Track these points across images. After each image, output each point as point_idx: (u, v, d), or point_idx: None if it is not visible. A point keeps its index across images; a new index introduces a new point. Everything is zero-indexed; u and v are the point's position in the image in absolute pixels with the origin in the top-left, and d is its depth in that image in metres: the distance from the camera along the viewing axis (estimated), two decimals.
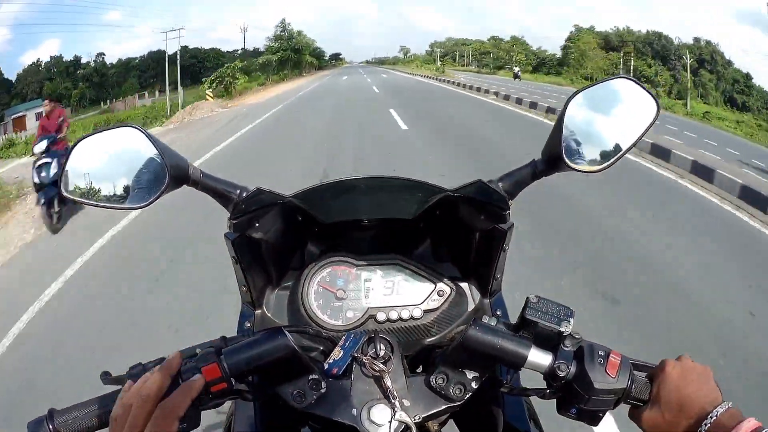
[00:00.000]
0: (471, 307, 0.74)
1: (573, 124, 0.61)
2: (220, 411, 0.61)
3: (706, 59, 37.77)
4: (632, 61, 40.25)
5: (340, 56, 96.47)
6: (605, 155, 0.63)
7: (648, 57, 41.19)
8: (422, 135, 8.39)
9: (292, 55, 40.96)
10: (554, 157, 0.61)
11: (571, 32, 47.19)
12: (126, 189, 0.60)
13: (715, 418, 0.48)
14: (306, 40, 42.60)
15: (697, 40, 39.31)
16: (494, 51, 55.69)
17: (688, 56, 36.59)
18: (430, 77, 31.41)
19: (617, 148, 0.63)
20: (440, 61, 61.45)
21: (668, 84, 38.12)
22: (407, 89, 20.22)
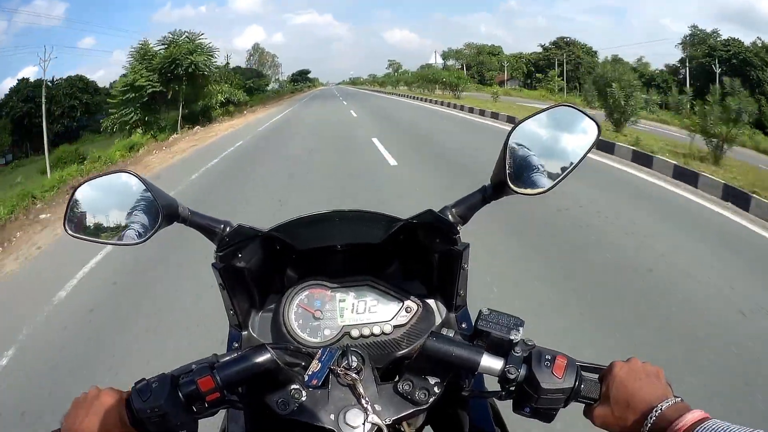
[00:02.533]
0: (438, 321, 0.80)
1: (519, 150, 0.68)
2: (213, 420, 0.69)
3: None
4: None
5: (308, 75, 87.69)
6: (550, 177, 0.69)
7: None
8: None
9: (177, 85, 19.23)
10: (500, 183, 0.67)
11: None
12: (123, 227, 0.68)
13: (660, 411, 0.52)
14: (203, 51, 19.86)
15: None
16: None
17: None
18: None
19: (561, 169, 0.70)
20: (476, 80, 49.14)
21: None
22: None
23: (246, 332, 0.78)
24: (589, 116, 0.70)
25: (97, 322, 3.15)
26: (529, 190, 0.67)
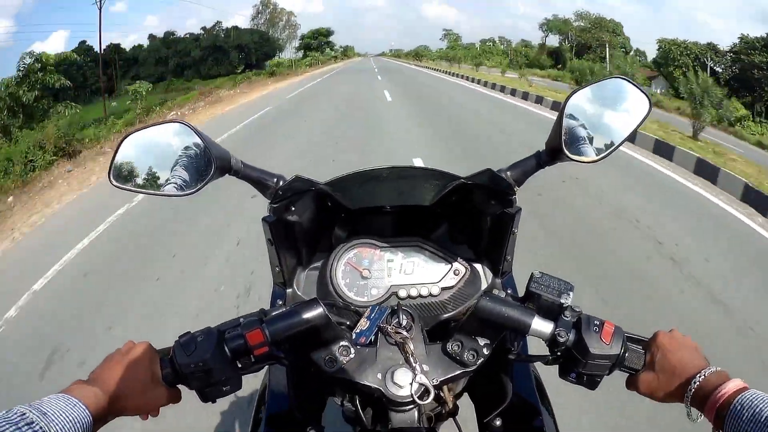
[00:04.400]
0: (484, 285, 0.81)
1: (573, 119, 0.68)
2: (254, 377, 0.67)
3: None
4: None
5: (329, 39, 64.56)
6: (602, 146, 0.69)
7: None
8: None
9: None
10: (555, 149, 0.68)
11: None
12: (172, 178, 0.67)
13: (703, 377, 0.54)
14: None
15: None
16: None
17: None
18: None
19: (613, 140, 0.70)
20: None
21: None
22: None
23: (291, 290, 0.78)
24: (642, 90, 0.70)
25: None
26: (583, 158, 0.68)
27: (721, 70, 32.09)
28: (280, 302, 0.76)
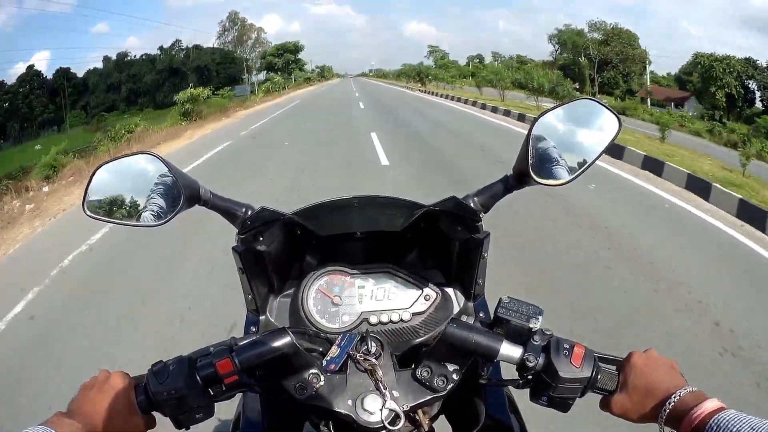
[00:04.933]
0: (456, 310, 0.81)
1: (540, 142, 0.68)
2: (228, 404, 0.68)
3: None
4: None
5: (299, 59, 50.36)
6: (571, 169, 0.69)
7: None
8: None
9: None
10: (522, 173, 0.68)
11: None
12: (143, 209, 0.68)
13: (679, 397, 0.53)
14: None
15: None
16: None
17: None
18: None
19: (582, 162, 0.70)
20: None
21: None
22: None
23: (263, 317, 0.78)
24: (611, 110, 0.70)
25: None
26: (550, 181, 0.68)
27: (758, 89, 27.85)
28: (254, 329, 0.77)
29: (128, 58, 43.73)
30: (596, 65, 35.41)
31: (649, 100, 32.99)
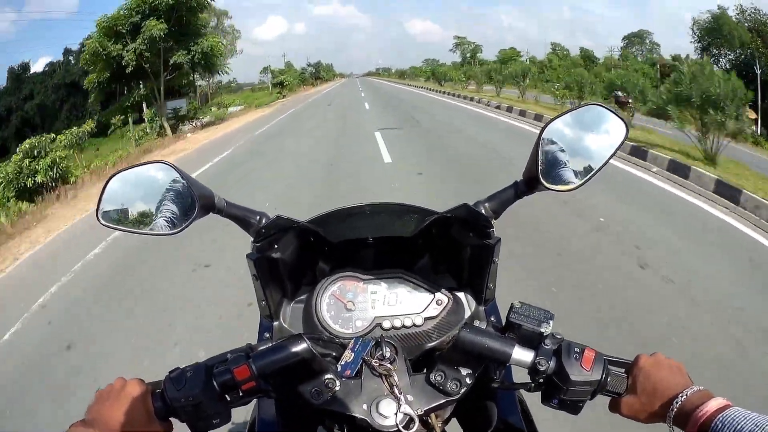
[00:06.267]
0: (467, 314, 0.82)
1: (551, 148, 0.69)
2: (243, 409, 0.68)
3: None
4: None
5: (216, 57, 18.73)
6: (580, 174, 0.70)
7: None
8: None
9: None
10: (532, 179, 0.69)
11: None
12: (157, 217, 0.68)
13: (685, 397, 0.55)
14: None
15: None
16: None
17: None
18: None
19: (591, 167, 0.71)
20: None
21: None
22: None
23: (277, 323, 0.79)
24: (618, 115, 0.71)
25: None
26: (560, 187, 0.69)
27: None
28: (267, 335, 0.78)
29: (31, 72, 27.98)
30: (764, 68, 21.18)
31: None
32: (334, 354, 0.69)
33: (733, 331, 2.62)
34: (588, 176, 0.70)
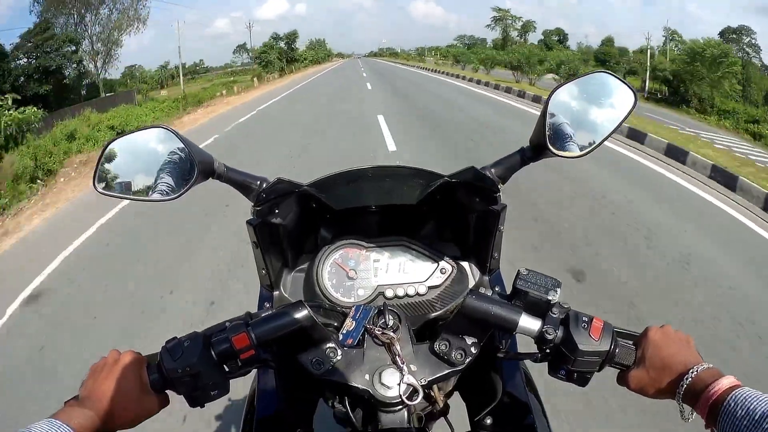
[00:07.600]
0: (471, 283, 0.80)
1: (557, 115, 0.68)
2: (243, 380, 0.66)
3: None
4: None
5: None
6: (587, 141, 0.69)
7: None
8: None
9: None
10: (540, 145, 0.67)
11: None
12: (156, 183, 0.67)
13: (695, 374, 0.54)
14: None
15: None
16: None
17: None
18: None
19: (598, 134, 0.69)
20: None
21: None
22: None
23: (277, 292, 0.78)
24: (627, 84, 0.70)
25: None
26: (567, 153, 0.67)
27: None
28: (267, 305, 0.76)
29: None
30: None
31: None
32: (335, 324, 0.68)
33: None
34: (596, 143, 0.69)
